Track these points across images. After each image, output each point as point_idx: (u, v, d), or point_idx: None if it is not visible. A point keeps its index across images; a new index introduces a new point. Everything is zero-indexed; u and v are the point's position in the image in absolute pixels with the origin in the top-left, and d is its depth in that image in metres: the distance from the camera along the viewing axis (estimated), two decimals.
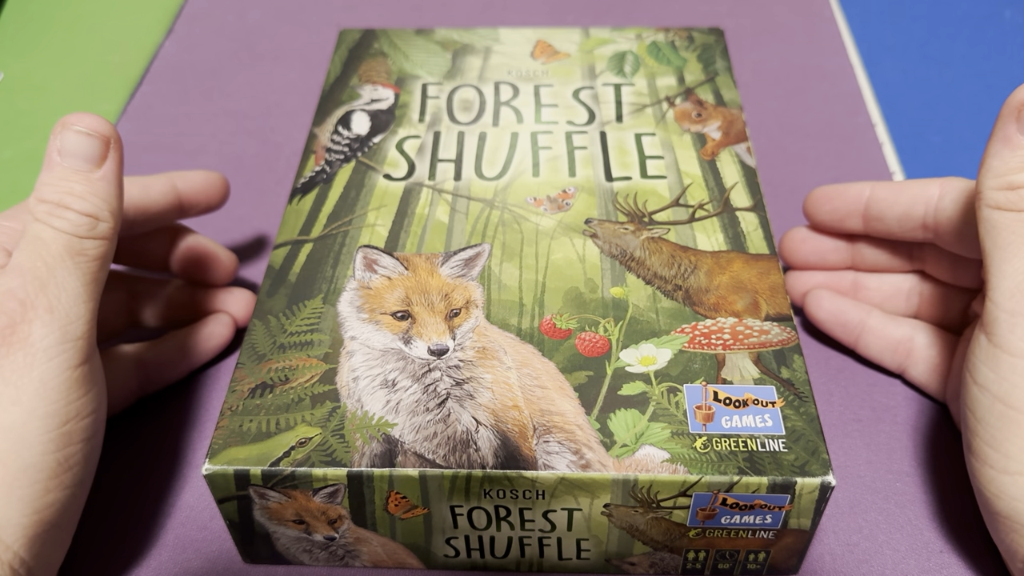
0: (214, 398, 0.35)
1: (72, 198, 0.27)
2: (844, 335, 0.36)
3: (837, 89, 0.50)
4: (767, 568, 0.29)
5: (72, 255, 0.27)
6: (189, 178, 0.35)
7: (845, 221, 0.35)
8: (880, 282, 0.36)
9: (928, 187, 0.32)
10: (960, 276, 0.33)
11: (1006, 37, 0.53)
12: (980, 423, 0.27)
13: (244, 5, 0.58)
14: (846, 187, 0.34)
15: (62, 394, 0.25)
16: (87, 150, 0.28)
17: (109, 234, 0.28)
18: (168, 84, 0.52)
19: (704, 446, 0.27)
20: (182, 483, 0.33)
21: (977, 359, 0.27)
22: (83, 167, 0.28)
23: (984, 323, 0.27)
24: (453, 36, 0.44)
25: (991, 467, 0.26)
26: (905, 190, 0.33)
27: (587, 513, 0.27)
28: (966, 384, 0.27)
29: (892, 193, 0.33)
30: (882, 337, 0.35)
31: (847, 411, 0.34)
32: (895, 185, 0.33)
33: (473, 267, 0.32)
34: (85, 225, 0.27)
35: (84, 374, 0.26)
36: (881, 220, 0.33)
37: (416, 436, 0.27)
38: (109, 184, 0.28)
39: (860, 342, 0.35)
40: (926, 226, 0.32)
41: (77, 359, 0.26)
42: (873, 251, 0.35)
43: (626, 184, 0.35)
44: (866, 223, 0.34)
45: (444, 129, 0.38)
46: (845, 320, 0.35)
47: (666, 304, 0.31)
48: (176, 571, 0.30)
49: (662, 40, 0.43)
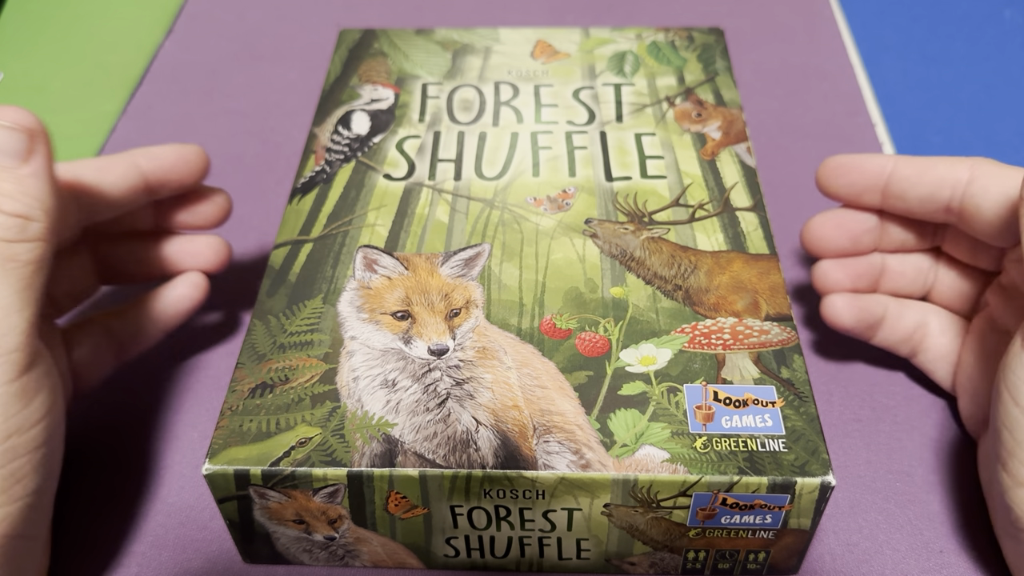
0: (214, 398, 0.35)
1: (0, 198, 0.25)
2: (865, 333, 0.34)
3: (837, 89, 0.50)
4: (767, 568, 0.29)
5: (1, 263, 0.24)
6: (156, 154, 0.32)
7: (862, 196, 0.32)
8: (903, 263, 0.34)
9: (956, 168, 0.30)
10: (979, 258, 0.32)
11: (1006, 37, 0.53)
12: (1019, 444, 0.25)
13: (244, 5, 0.58)
14: (866, 159, 0.32)
15: (0, 410, 0.24)
16: (10, 145, 0.25)
17: (43, 235, 0.25)
18: (168, 84, 0.52)
19: (704, 446, 0.27)
20: (182, 483, 0.33)
21: (1017, 377, 0.25)
22: (7, 163, 0.25)
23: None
24: (453, 36, 0.44)
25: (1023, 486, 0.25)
26: (931, 169, 0.30)
27: (587, 513, 0.27)
28: (1003, 401, 0.26)
29: (917, 172, 0.31)
30: (896, 328, 0.34)
31: (847, 411, 0.34)
32: (921, 162, 0.31)
33: (473, 267, 0.32)
34: (14, 227, 0.25)
35: (24, 385, 0.25)
36: (903, 199, 0.31)
37: (416, 436, 0.27)
38: (39, 180, 0.26)
39: (877, 335, 0.34)
40: (950, 209, 0.30)
41: (13, 373, 0.24)
42: (898, 230, 0.33)
43: (626, 184, 0.35)
44: (885, 200, 0.32)
45: (444, 129, 0.38)
46: (867, 318, 0.33)
47: (666, 304, 0.31)
48: (176, 571, 0.30)
49: (662, 40, 0.43)
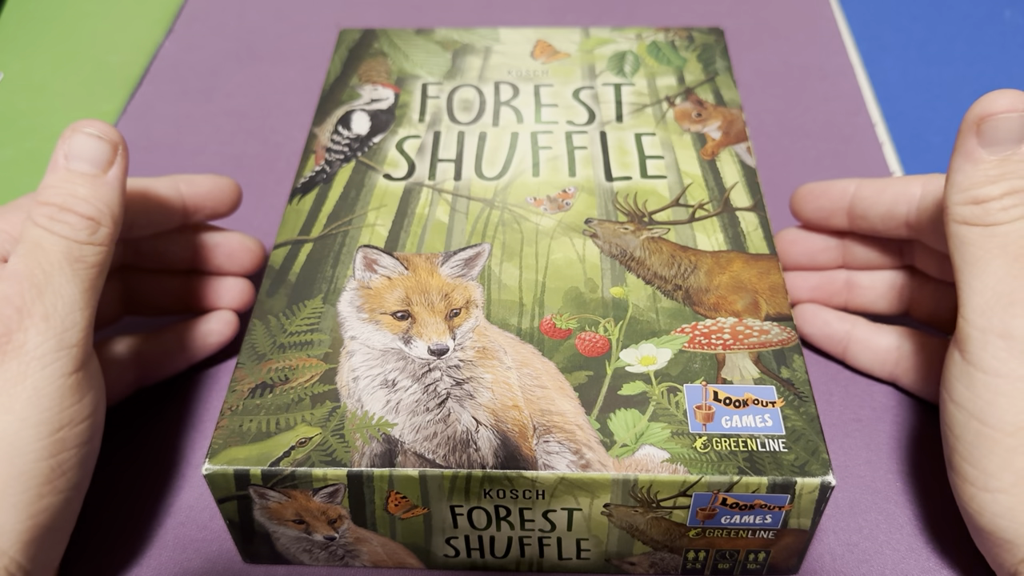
0: (214, 398, 0.35)
1: (76, 200, 0.27)
2: (831, 348, 0.35)
3: (837, 89, 0.50)
4: (767, 568, 0.29)
5: (71, 262, 0.26)
6: (195, 183, 0.34)
7: (831, 219, 0.34)
8: (872, 279, 0.35)
9: (910, 185, 0.32)
10: (948, 271, 0.33)
11: (1006, 37, 0.53)
12: (958, 440, 0.26)
13: (244, 5, 0.58)
14: (831, 184, 0.34)
15: (56, 401, 0.25)
16: (95, 154, 0.28)
17: (108, 240, 0.27)
18: (168, 84, 0.52)
19: (704, 446, 0.27)
20: (182, 483, 0.33)
21: (952, 376, 0.27)
22: (90, 171, 0.27)
23: (957, 340, 0.26)
24: (453, 36, 0.44)
25: (971, 484, 0.26)
26: (888, 188, 0.33)
27: (587, 513, 0.27)
28: (943, 401, 0.27)
29: (875, 191, 0.33)
30: (868, 348, 0.35)
31: (847, 411, 0.34)
32: (879, 183, 0.33)
33: (473, 267, 0.32)
34: (86, 230, 0.27)
35: (79, 380, 0.26)
36: (865, 218, 0.33)
37: (416, 436, 0.27)
38: (113, 189, 0.28)
39: (848, 353, 0.35)
40: (909, 224, 0.32)
41: (72, 366, 0.26)
42: (863, 249, 0.35)
43: (626, 184, 0.35)
44: (851, 221, 0.34)
45: (444, 129, 0.38)
46: (830, 332, 0.35)
47: (666, 304, 0.31)
48: (176, 571, 0.30)
49: (662, 40, 0.43)
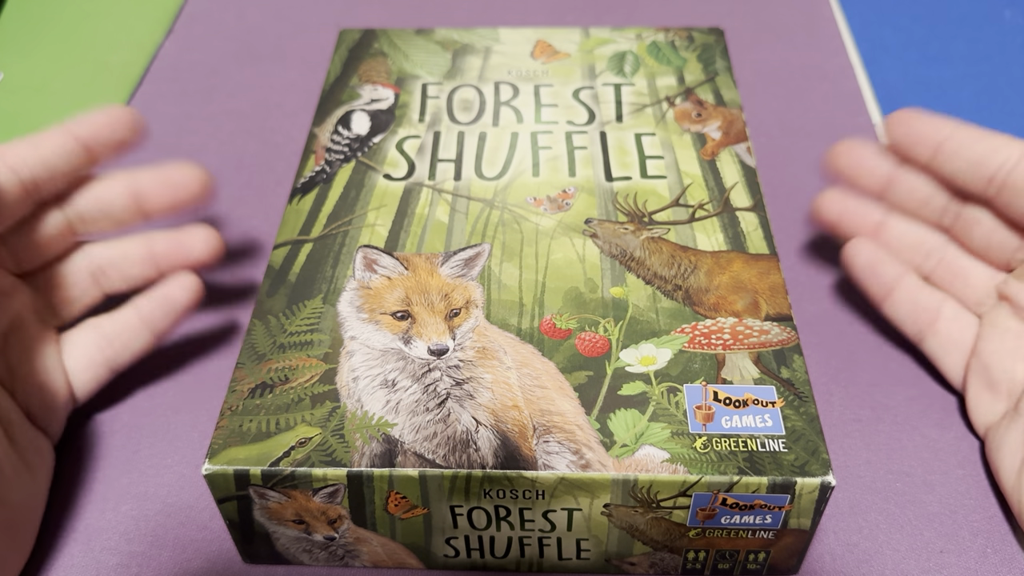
0: (214, 398, 0.35)
1: None
2: (875, 289, 0.34)
3: (837, 89, 0.50)
4: (767, 568, 0.29)
5: None
6: (86, 120, 0.32)
7: (916, 146, 0.33)
8: (904, 230, 0.34)
9: (1011, 145, 0.31)
10: (992, 249, 0.32)
11: (1006, 37, 0.53)
12: None
13: (244, 5, 0.58)
14: (933, 115, 0.33)
15: None
16: None
17: None
18: (168, 84, 0.52)
19: (704, 446, 0.27)
20: (182, 483, 0.33)
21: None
22: None
23: None
24: (453, 36, 0.44)
25: None
26: (986, 138, 0.31)
27: (587, 513, 0.27)
28: None
29: (972, 138, 0.32)
30: (911, 300, 0.34)
31: (847, 411, 0.34)
32: (979, 130, 0.32)
33: (473, 267, 0.32)
34: None
35: None
36: (952, 158, 0.32)
37: (416, 436, 0.27)
38: None
39: (888, 300, 0.34)
40: (992, 181, 0.31)
41: None
42: (915, 188, 0.34)
43: (626, 184, 0.35)
44: (934, 156, 0.32)
45: (444, 129, 0.38)
46: (881, 272, 0.34)
47: (666, 304, 0.31)
48: (176, 571, 0.30)
49: (662, 40, 0.43)
